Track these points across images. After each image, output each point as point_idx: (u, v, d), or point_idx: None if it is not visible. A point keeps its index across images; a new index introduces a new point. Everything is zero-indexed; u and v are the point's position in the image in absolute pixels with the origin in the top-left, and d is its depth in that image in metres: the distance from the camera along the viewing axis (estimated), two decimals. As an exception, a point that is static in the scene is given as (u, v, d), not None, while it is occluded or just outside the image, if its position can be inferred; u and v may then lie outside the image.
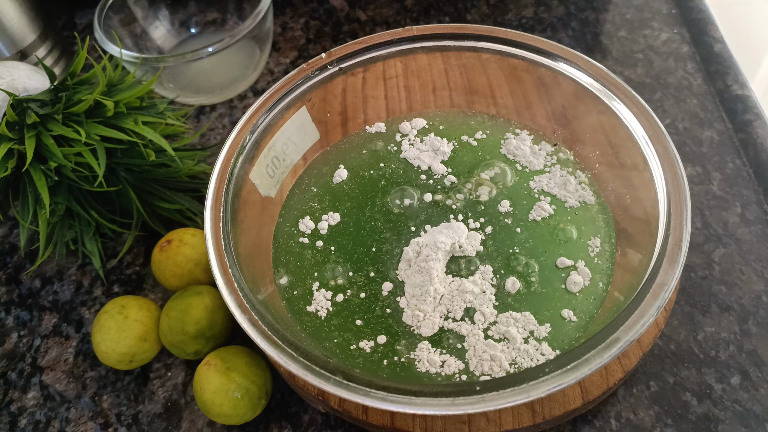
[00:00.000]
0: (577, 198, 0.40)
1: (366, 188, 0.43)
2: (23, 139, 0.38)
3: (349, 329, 0.36)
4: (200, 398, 0.36)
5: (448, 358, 0.34)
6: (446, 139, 0.45)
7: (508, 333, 0.34)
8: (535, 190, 0.41)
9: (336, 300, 0.37)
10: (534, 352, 0.33)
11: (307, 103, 0.43)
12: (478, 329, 0.35)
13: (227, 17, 0.61)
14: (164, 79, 0.54)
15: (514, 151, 0.43)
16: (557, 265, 0.37)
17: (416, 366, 0.34)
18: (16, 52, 0.56)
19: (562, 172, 0.42)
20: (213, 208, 0.36)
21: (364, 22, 0.64)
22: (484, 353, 0.34)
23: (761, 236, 0.43)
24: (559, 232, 0.39)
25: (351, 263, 0.39)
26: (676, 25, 0.58)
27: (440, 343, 0.35)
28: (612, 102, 0.38)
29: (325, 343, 0.35)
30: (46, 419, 0.41)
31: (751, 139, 0.48)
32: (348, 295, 0.37)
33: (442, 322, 0.35)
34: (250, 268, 0.36)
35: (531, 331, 0.34)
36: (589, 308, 0.35)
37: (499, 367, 0.33)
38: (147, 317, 0.40)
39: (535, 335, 0.34)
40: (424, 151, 0.44)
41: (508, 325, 0.35)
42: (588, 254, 0.37)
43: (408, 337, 0.35)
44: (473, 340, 0.34)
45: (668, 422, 0.36)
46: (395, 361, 0.34)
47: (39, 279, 0.48)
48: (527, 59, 0.42)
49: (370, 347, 0.35)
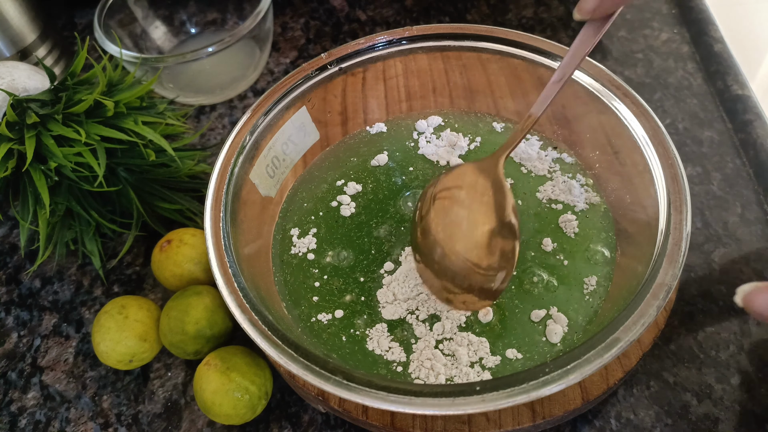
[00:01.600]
0: (584, 201, 0.40)
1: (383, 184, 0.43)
2: (23, 139, 0.38)
3: (327, 290, 0.38)
4: (200, 398, 0.36)
5: (396, 347, 0.35)
6: (462, 134, 0.45)
7: (458, 352, 0.35)
8: (543, 200, 0.41)
9: (325, 262, 0.39)
10: (474, 378, 0.34)
11: (307, 103, 0.43)
12: (432, 337, 0.35)
13: (227, 17, 0.61)
14: (164, 79, 0.54)
15: (521, 154, 0.43)
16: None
17: (367, 342, 0.35)
18: (16, 52, 0.56)
19: (563, 177, 0.42)
20: (213, 208, 0.36)
21: (364, 22, 0.64)
22: (426, 360, 0.34)
23: (761, 236, 0.43)
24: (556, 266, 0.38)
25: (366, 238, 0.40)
26: (676, 25, 0.58)
27: (395, 330, 0.36)
28: (612, 102, 0.38)
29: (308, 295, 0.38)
30: (46, 419, 0.41)
31: (751, 139, 0.48)
32: (346, 262, 0.39)
33: (406, 314, 0.36)
34: (250, 268, 0.36)
35: (481, 358, 0.34)
36: (578, 321, 0.35)
37: (435, 378, 0.34)
38: (147, 317, 0.40)
39: (482, 363, 0.34)
40: (441, 147, 0.45)
41: (461, 344, 0.35)
42: (580, 292, 0.37)
43: (370, 314, 0.37)
44: (423, 344, 0.35)
45: (668, 422, 0.36)
46: (351, 333, 0.36)
47: (39, 279, 0.48)
48: (527, 59, 0.42)
49: (337, 313, 0.37)
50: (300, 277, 0.39)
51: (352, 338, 0.36)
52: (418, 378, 0.34)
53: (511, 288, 0.37)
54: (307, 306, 0.38)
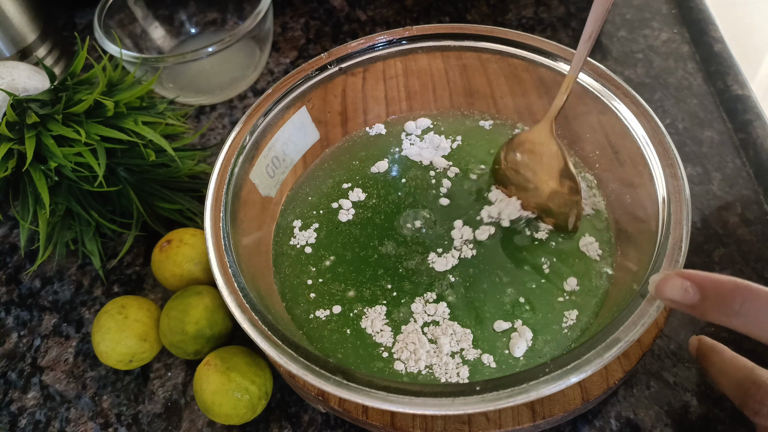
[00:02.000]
0: (590, 205, 0.40)
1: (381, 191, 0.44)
2: (23, 139, 0.38)
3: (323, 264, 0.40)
4: (200, 398, 0.36)
5: (386, 330, 0.36)
6: (444, 137, 0.45)
7: (440, 340, 0.35)
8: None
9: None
10: (452, 369, 0.34)
11: (307, 103, 0.43)
12: (421, 318, 0.36)
13: (227, 17, 0.61)
14: (164, 79, 0.54)
15: None
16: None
17: (362, 321, 0.37)
18: (16, 52, 0.56)
19: None
20: (213, 208, 0.36)
21: (364, 22, 0.64)
22: (411, 344, 0.35)
23: (761, 236, 0.43)
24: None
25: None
26: (676, 25, 0.58)
27: (391, 315, 0.37)
28: (612, 102, 0.38)
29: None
30: (46, 419, 0.41)
31: (751, 139, 0.48)
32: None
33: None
34: (250, 268, 0.36)
35: (462, 349, 0.35)
36: (563, 334, 0.35)
37: (414, 363, 0.34)
38: (147, 317, 0.40)
39: (462, 354, 0.35)
40: (425, 148, 0.45)
41: (446, 333, 0.35)
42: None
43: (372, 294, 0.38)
44: (411, 327, 0.36)
45: (668, 422, 0.36)
46: (348, 312, 0.37)
47: (39, 279, 0.48)
48: (527, 59, 0.42)
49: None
50: (298, 267, 0.39)
51: (348, 318, 0.37)
52: (399, 360, 0.35)
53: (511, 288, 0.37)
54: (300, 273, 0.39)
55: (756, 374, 0.30)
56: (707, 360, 0.33)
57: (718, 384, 0.32)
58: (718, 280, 0.26)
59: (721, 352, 0.33)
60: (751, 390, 0.29)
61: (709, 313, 0.26)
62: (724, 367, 0.32)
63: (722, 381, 0.32)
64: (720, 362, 0.32)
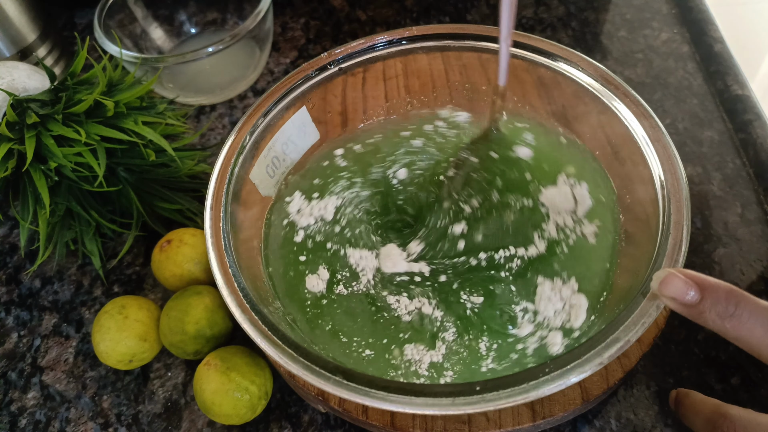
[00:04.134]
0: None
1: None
2: (23, 139, 0.38)
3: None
4: (200, 398, 0.36)
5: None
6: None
7: (423, 308, 0.35)
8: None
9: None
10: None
11: (307, 103, 0.43)
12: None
13: (227, 17, 0.61)
14: (164, 79, 0.54)
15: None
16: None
17: (359, 278, 0.37)
18: (16, 52, 0.56)
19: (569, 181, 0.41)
20: (213, 208, 0.36)
21: (364, 22, 0.64)
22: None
23: (761, 236, 0.43)
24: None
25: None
26: (676, 25, 0.58)
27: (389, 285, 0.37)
28: (612, 102, 0.38)
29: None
30: (46, 419, 0.41)
31: (751, 139, 0.48)
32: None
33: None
34: (250, 268, 0.36)
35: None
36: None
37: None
38: (147, 317, 0.40)
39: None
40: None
41: (422, 304, 0.36)
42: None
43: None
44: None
45: (668, 422, 0.36)
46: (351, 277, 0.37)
47: (39, 279, 0.48)
48: (527, 59, 0.42)
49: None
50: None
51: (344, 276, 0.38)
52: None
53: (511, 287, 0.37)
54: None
55: (723, 409, 0.32)
56: (681, 405, 0.35)
57: (691, 424, 0.34)
58: (716, 282, 0.27)
59: (693, 396, 0.35)
60: (719, 422, 0.31)
61: (706, 314, 0.27)
62: (695, 408, 0.34)
63: (695, 420, 0.34)
64: (691, 403, 0.34)
